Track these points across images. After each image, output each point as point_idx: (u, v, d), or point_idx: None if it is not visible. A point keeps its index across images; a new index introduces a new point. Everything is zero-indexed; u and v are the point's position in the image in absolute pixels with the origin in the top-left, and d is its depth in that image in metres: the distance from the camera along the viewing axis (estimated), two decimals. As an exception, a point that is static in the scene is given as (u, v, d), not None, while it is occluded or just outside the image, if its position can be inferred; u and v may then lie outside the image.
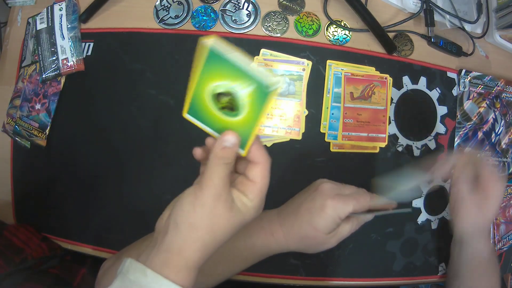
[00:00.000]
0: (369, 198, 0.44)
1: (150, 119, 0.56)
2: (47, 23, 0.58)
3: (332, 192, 0.44)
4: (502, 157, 0.62)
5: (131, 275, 0.32)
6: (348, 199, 0.43)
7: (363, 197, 0.43)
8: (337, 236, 0.45)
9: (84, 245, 0.57)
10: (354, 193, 0.44)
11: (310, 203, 0.44)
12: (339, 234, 0.45)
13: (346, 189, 0.45)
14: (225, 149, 0.33)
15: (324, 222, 0.43)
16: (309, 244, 0.45)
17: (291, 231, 0.45)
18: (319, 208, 0.43)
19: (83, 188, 0.58)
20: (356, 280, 0.57)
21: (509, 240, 0.61)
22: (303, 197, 0.46)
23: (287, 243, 0.46)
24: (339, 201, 0.42)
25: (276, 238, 0.45)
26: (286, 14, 0.57)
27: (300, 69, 0.55)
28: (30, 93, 0.59)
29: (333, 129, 0.56)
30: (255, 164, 0.35)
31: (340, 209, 0.42)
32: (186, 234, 0.33)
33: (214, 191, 0.33)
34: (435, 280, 0.59)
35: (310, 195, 0.45)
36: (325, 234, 0.43)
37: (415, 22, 0.60)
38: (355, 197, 0.43)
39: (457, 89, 0.60)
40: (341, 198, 0.43)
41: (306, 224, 0.43)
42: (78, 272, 0.55)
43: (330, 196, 0.43)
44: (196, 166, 0.55)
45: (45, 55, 0.57)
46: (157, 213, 0.55)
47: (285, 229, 0.45)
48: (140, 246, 0.46)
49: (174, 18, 0.57)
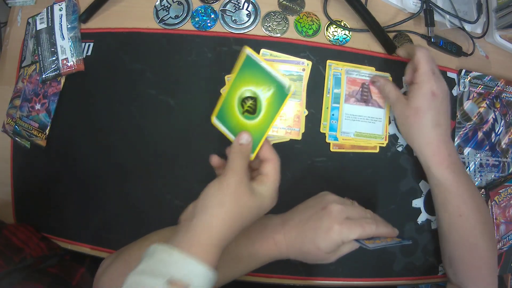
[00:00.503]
0: (375, 227, 0.43)
1: (150, 119, 0.56)
2: (47, 23, 0.58)
3: (340, 216, 0.44)
4: (502, 157, 0.62)
5: (157, 255, 0.34)
6: (354, 227, 0.43)
7: (369, 227, 0.43)
8: (337, 254, 0.45)
9: (84, 245, 0.57)
10: (362, 220, 0.44)
11: (317, 222, 0.44)
12: (339, 252, 0.45)
13: (355, 212, 0.45)
14: (242, 145, 0.41)
15: (327, 244, 0.43)
16: (309, 258, 0.46)
17: (294, 245, 0.45)
18: (325, 230, 0.43)
19: (83, 188, 0.58)
20: (356, 280, 0.57)
21: (509, 240, 0.61)
22: (310, 212, 0.46)
23: (288, 253, 0.46)
24: (345, 227, 0.43)
25: (278, 248, 0.46)
26: (286, 14, 0.58)
27: (300, 69, 0.55)
28: (30, 93, 0.59)
29: (333, 129, 0.56)
30: (267, 161, 0.42)
31: (345, 234, 0.42)
32: (214, 211, 0.37)
33: (237, 176, 0.38)
34: (435, 280, 0.59)
35: (317, 213, 0.45)
36: (325, 253, 0.44)
37: (415, 22, 0.60)
38: (362, 225, 0.43)
39: (457, 89, 0.60)
40: (347, 224, 0.43)
41: (309, 242, 0.44)
42: (77, 271, 0.55)
43: (338, 220, 0.43)
44: (196, 166, 0.55)
45: (45, 55, 0.57)
46: (156, 213, 0.56)
47: (288, 241, 0.45)
48: (143, 243, 0.47)
49: (174, 18, 0.57)
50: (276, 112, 0.43)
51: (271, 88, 0.42)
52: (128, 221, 0.56)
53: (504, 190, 0.61)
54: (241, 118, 0.44)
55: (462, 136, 0.59)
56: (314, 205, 0.46)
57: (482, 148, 0.60)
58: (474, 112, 0.60)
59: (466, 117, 0.60)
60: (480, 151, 0.60)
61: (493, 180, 0.61)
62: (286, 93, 0.41)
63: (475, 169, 0.60)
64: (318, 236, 0.43)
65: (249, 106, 0.44)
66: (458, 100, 0.60)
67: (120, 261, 0.45)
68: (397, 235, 0.46)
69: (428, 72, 0.48)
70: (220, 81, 0.55)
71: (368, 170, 0.57)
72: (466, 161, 0.60)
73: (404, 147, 0.58)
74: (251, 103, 0.43)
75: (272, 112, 0.43)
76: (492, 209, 0.60)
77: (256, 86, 0.43)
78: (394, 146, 0.58)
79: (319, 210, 0.45)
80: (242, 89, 0.43)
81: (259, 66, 0.42)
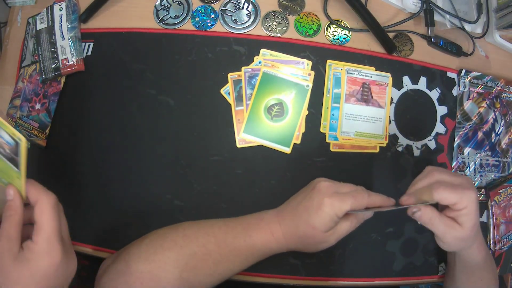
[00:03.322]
0: (367, 195, 0.43)
1: (150, 119, 0.56)
2: (47, 23, 0.58)
3: (329, 190, 0.44)
4: (502, 157, 0.62)
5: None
6: (345, 197, 0.43)
7: (361, 195, 0.43)
8: (336, 234, 0.45)
9: (85, 245, 0.57)
10: (352, 191, 0.44)
11: (308, 202, 0.44)
12: (338, 232, 0.45)
13: (344, 187, 0.45)
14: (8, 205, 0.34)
15: (321, 220, 0.43)
16: (308, 243, 0.45)
17: (289, 230, 0.45)
18: (317, 206, 0.43)
19: (83, 188, 0.58)
20: (356, 280, 0.57)
21: (509, 240, 0.61)
22: (301, 196, 0.47)
23: (287, 242, 0.46)
24: (336, 199, 0.42)
25: (275, 238, 0.45)
26: (286, 14, 0.58)
27: (305, 73, 0.55)
28: (30, 93, 0.59)
29: (333, 129, 0.56)
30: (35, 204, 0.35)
31: (337, 207, 0.42)
32: None
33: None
34: (435, 280, 0.59)
35: (307, 194, 0.45)
36: (323, 232, 0.43)
37: (415, 22, 0.60)
38: (353, 195, 0.43)
39: (457, 89, 0.60)
40: (338, 196, 0.43)
41: (304, 223, 0.44)
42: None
43: (327, 194, 0.43)
44: (196, 166, 0.56)
45: (45, 55, 0.57)
46: (156, 213, 0.56)
47: (284, 228, 0.45)
48: (142, 242, 0.47)
49: (174, 18, 0.57)
50: (301, 108, 0.54)
51: (292, 91, 0.54)
52: (128, 221, 0.56)
53: (504, 190, 0.61)
54: (271, 123, 0.53)
55: (462, 136, 0.59)
56: (304, 189, 0.47)
57: (482, 148, 0.60)
58: (474, 112, 0.60)
59: (466, 117, 0.60)
60: (480, 151, 0.60)
61: (493, 180, 0.62)
62: (307, 89, 0.53)
63: (475, 169, 0.60)
64: (311, 214, 0.43)
65: (276, 111, 0.54)
66: (458, 100, 0.60)
67: (120, 260, 0.46)
68: (394, 204, 0.46)
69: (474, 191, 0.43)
70: (220, 81, 0.55)
71: (368, 170, 0.57)
72: (466, 161, 0.60)
73: (404, 147, 0.58)
74: (277, 108, 0.53)
75: (299, 108, 0.54)
76: (492, 209, 0.60)
77: (279, 94, 0.53)
78: (394, 146, 0.58)
79: (309, 191, 0.45)
80: (266, 100, 0.53)
81: (277, 78, 0.53)
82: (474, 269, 0.50)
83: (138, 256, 0.45)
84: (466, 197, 0.41)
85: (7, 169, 0.36)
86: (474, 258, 0.49)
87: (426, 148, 0.59)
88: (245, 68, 0.55)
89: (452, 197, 0.41)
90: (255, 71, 0.55)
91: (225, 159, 0.55)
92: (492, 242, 0.60)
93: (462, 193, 0.41)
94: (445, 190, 0.41)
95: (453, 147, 0.59)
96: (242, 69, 0.55)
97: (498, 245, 0.60)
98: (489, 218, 0.60)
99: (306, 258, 0.54)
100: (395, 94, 0.58)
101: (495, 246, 0.60)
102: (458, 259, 0.51)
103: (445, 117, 0.60)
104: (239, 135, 0.54)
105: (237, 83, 0.55)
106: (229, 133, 0.55)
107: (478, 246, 0.48)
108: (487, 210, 0.61)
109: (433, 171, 0.45)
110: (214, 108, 0.55)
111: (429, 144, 0.59)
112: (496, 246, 0.60)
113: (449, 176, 0.44)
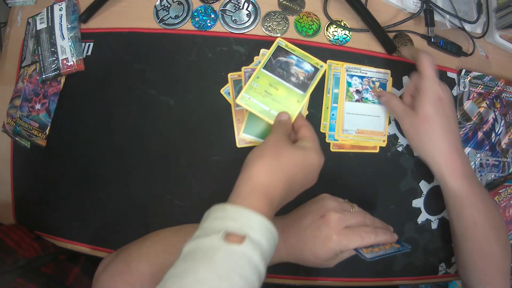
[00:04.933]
0: (374, 237, 0.43)
1: (150, 119, 0.56)
2: (47, 23, 0.58)
3: (338, 225, 0.43)
4: (502, 157, 0.62)
5: (212, 215, 0.35)
6: (353, 237, 0.43)
7: (368, 236, 0.43)
8: (336, 261, 0.46)
9: (84, 245, 0.57)
10: (360, 229, 0.44)
11: (315, 231, 0.44)
12: (338, 259, 0.45)
13: (353, 219, 0.44)
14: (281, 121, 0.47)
15: (325, 253, 0.43)
16: (309, 265, 0.46)
17: (292, 251, 0.45)
18: (323, 240, 0.43)
19: (83, 188, 0.58)
20: (356, 280, 0.57)
21: (509, 240, 0.61)
22: (309, 219, 0.45)
23: (288, 258, 0.46)
24: (344, 238, 0.42)
25: (278, 253, 0.46)
26: (286, 14, 0.58)
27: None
28: (30, 93, 0.59)
29: (333, 129, 0.56)
30: (301, 127, 0.46)
31: (344, 245, 0.42)
32: (255, 163, 0.39)
33: (276, 136, 0.43)
34: (435, 280, 0.59)
35: (315, 221, 0.44)
36: (324, 261, 0.44)
37: (415, 22, 0.60)
38: (361, 235, 0.43)
39: (457, 89, 0.60)
40: (346, 235, 0.43)
41: (308, 251, 0.44)
42: (71, 271, 0.55)
43: (336, 230, 0.43)
44: (196, 166, 0.55)
45: (45, 55, 0.57)
46: (156, 213, 0.56)
47: (288, 247, 0.45)
48: (142, 243, 0.47)
49: (174, 18, 0.57)
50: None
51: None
52: (128, 221, 0.56)
53: (504, 190, 0.61)
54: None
55: (462, 136, 0.59)
56: (313, 211, 0.46)
57: (482, 148, 0.60)
58: (474, 112, 0.60)
59: (466, 117, 0.60)
60: (480, 151, 0.60)
61: (493, 180, 0.62)
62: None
63: (475, 169, 0.60)
64: (317, 246, 0.43)
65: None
66: (458, 100, 0.60)
67: (120, 260, 0.46)
68: (397, 240, 0.46)
69: (433, 77, 0.48)
70: (220, 81, 0.55)
71: (368, 170, 0.57)
72: (466, 161, 0.60)
73: (404, 147, 0.58)
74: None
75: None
76: (492, 209, 0.60)
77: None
78: (394, 146, 0.58)
79: (318, 218, 0.44)
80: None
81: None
82: (458, 202, 0.48)
83: (139, 257, 0.45)
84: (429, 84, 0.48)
85: (288, 97, 0.51)
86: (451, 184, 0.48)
87: (426, 148, 0.59)
88: (245, 68, 0.55)
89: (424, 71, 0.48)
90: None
91: (225, 159, 0.55)
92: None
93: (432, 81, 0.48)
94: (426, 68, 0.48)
95: (453, 147, 0.59)
96: (242, 69, 0.55)
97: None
98: (489, 218, 0.60)
99: (306, 258, 0.54)
100: (395, 94, 0.58)
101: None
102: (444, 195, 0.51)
103: (445, 117, 0.60)
104: (239, 135, 0.54)
105: (237, 83, 0.55)
106: (229, 133, 0.55)
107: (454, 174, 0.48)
108: (487, 210, 0.61)
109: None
110: (214, 108, 0.55)
111: (429, 144, 0.59)
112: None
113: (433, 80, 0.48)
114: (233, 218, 0.33)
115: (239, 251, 0.31)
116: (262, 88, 0.51)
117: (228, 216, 0.34)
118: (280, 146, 0.41)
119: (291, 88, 0.51)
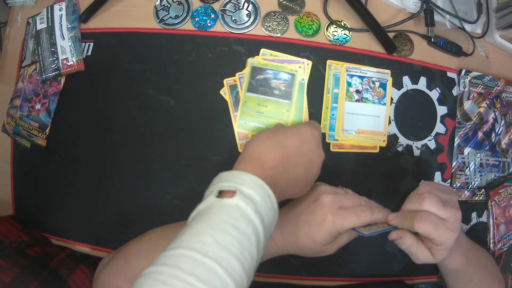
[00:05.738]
0: (370, 214, 0.42)
1: (150, 119, 0.56)
2: (47, 23, 0.58)
3: (332, 205, 0.43)
4: (502, 157, 0.62)
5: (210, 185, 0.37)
6: (348, 215, 0.42)
7: (364, 214, 0.42)
8: (335, 245, 0.45)
9: (84, 245, 0.57)
10: (356, 208, 0.43)
11: (310, 215, 0.43)
12: (338, 243, 0.45)
13: (347, 200, 0.44)
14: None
15: (322, 236, 0.42)
16: (308, 252, 0.45)
17: (290, 239, 0.45)
18: (319, 222, 0.42)
19: (83, 188, 0.58)
20: (356, 280, 0.57)
21: (509, 240, 0.61)
22: (303, 205, 0.45)
23: (287, 248, 0.46)
24: (339, 217, 0.42)
25: (276, 244, 0.45)
26: (286, 14, 0.58)
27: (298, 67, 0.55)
28: (30, 93, 0.59)
29: (333, 129, 0.56)
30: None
31: (340, 224, 0.42)
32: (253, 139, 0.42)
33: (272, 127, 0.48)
34: (435, 280, 0.59)
35: (310, 205, 0.44)
36: (323, 245, 0.43)
37: (415, 22, 0.60)
38: (356, 213, 0.42)
39: (457, 89, 0.60)
40: (341, 214, 0.42)
41: (304, 236, 0.43)
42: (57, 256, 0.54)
43: (331, 210, 0.42)
44: (196, 166, 0.56)
45: (45, 55, 0.57)
46: (156, 213, 0.56)
47: (285, 236, 0.45)
48: (141, 239, 0.47)
49: (174, 18, 0.57)
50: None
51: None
52: (128, 221, 0.56)
53: (504, 190, 0.61)
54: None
55: (462, 136, 0.59)
56: (306, 197, 0.46)
57: (482, 148, 0.60)
58: (474, 112, 0.60)
59: (466, 117, 0.60)
60: (480, 151, 0.60)
61: (493, 180, 0.62)
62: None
63: (475, 169, 0.60)
64: (313, 229, 0.42)
65: None
66: (458, 100, 0.60)
67: (119, 257, 0.46)
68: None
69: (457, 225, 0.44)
70: (220, 81, 0.55)
71: (368, 170, 0.57)
72: (466, 161, 0.60)
73: (404, 147, 0.58)
74: None
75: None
76: (492, 209, 0.60)
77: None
78: (394, 146, 0.58)
79: (312, 202, 0.44)
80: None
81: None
82: (457, 273, 0.50)
83: (138, 252, 0.45)
84: (446, 236, 0.42)
85: (278, 109, 0.54)
86: (450, 266, 0.49)
87: (426, 148, 0.59)
88: (239, 74, 0.55)
89: (431, 234, 0.42)
90: (255, 71, 0.55)
91: (225, 159, 0.55)
92: (492, 242, 0.60)
93: (443, 232, 0.42)
94: (427, 226, 0.42)
95: (453, 147, 0.59)
96: (236, 75, 0.55)
97: (498, 245, 0.60)
98: (489, 218, 0.60)
99: (306, 258, 0.54)
100: (395, 94, 0.58)
101: (495, 246, 0.60)
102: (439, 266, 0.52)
103: (445, 117, 0.60)
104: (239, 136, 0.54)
105: (233, 88, 0.55)
106: (229, 133, 0.55)
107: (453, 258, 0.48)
108: (487, 210, 0.61)
109: (424, 197, 0.43)
110: (214, 108, 0.55)
111: (429, 144, 0.59)
112: (496, 246, 0.60)
113: (438, 209, 0.42)
114: (226, 179, 0.36)
115: (231, 204, 0.33)
116: (253, 110, 0.54)
117: (222, 179, 0.36)
118: (275, 128, 0.45)
119: (277, 101, 0.54)
